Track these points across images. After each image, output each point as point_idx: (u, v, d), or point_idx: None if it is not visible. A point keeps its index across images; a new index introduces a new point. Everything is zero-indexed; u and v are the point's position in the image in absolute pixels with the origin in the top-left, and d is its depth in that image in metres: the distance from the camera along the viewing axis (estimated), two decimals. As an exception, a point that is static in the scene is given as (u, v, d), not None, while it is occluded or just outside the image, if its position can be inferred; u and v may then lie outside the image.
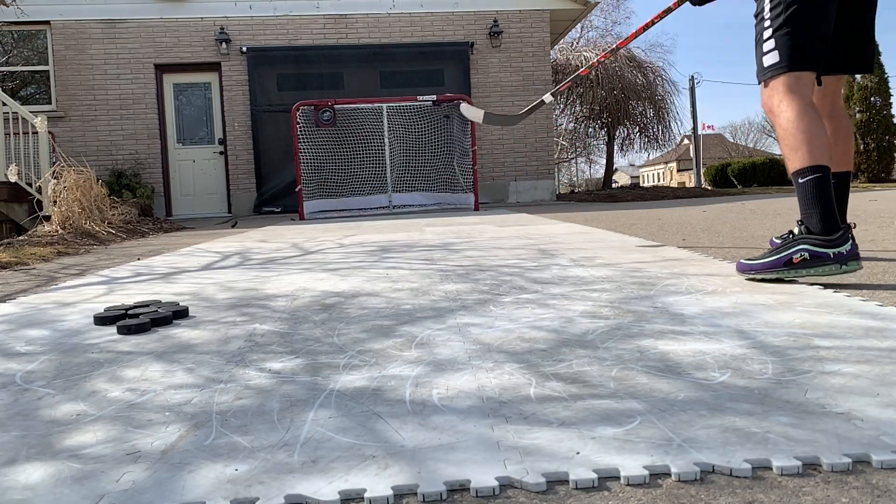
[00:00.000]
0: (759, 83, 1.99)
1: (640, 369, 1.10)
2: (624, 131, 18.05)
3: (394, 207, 8.53)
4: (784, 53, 1.90)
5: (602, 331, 1.37)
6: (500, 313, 1.60)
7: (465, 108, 2.90)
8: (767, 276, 1.87)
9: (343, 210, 8.38)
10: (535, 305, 1.67)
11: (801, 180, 1.84)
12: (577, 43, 20.12)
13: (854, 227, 2.21)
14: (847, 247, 1.78)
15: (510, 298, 1.78)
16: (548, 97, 2.73)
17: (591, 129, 19.03)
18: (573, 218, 5.68)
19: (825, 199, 1.80)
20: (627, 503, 0.68)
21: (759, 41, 1.96)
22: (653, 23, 2.55)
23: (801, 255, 1.80)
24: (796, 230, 1.85)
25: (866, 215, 4.51)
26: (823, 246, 1.78)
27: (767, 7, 1.92)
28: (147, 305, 1.78)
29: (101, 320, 1.64)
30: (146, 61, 10.37)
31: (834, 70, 2.11)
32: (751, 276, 1.91)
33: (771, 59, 1.92)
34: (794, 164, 1.87)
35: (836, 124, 2.16)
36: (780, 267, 1.83)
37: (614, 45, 2.54)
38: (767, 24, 1.92)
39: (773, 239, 2.53)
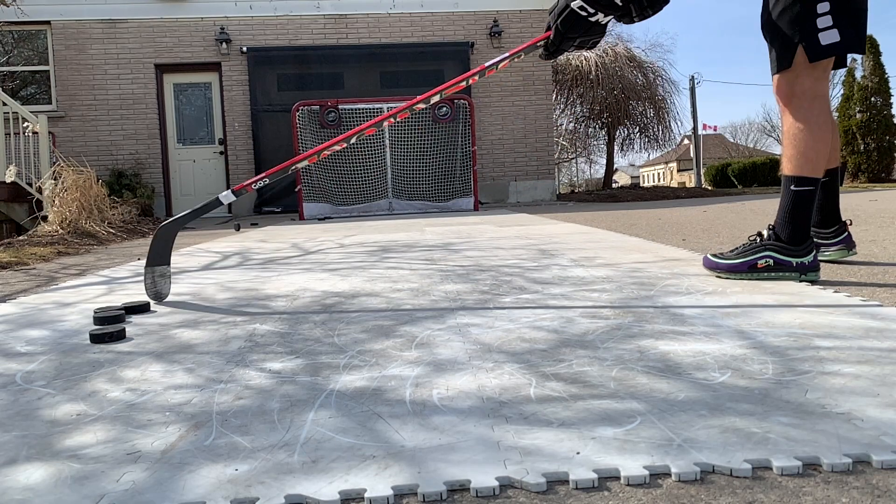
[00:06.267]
0: (809, 59, 1.80)
1: (640, 369, 1.10)
2: (624, 131, 18.05)
3: (393, 211, 8.53)
4: (846, 33, 1.76)
5: (602, 331, 1.37)
6: (500, 313, 1.60)
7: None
8: (731, 278, 1.91)
9: (343, 214, 8.39)
10: (535, 305, 1.67)
11: (794, 188, 1.84)
12: (578, 43, 20.09)
13: (851, 224, 2.22)
14: (810, 258, 1.83)
15: (510, 298, 1.78)
16: (226, 195, 1.94)
17: (591, 129, 19.03)
18: (573, 218, 5.68)
19: (805, 213, 1.84)
20: (627, 503, 0.68)
21: (810, 15, 1.77)
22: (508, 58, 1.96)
23: (766, 262, 1.85)
24: (765, 233, 1.89)
25: (866, 215, 4.51)
26: (788, 255, 1.83)
27: None
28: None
29: (101, 321, 1.63)
30: (146, 61, 10.37)
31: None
32: (717, 275, 1.96)
33: (831, 37, 1.76)
34: (795, 167, 1.84)
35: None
36: (744, 271, 1.89)
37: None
38: None
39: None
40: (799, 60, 1.83)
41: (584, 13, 1.79)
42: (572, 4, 1.79)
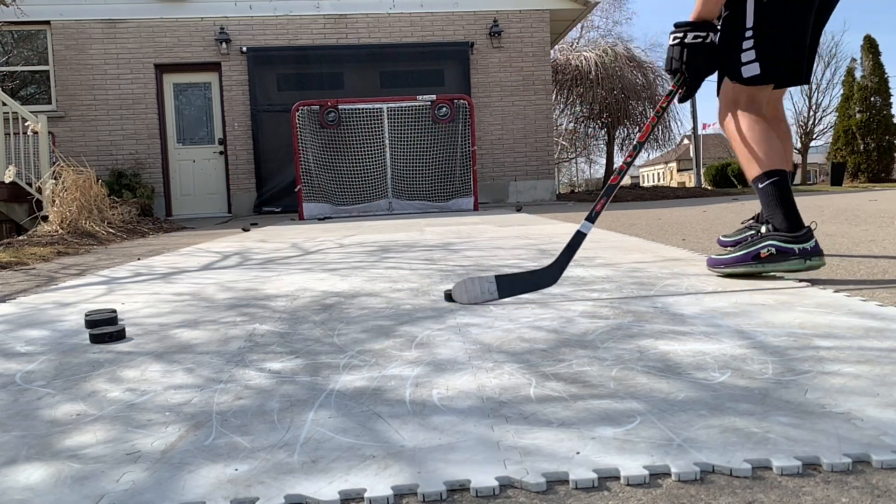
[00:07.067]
0: (733, 81, 1.98)
1: (640, 369, 1.10)
2: (624, 131, 18.05)
3: (393, 211, 8.53)
4: (766, 66, 1.92)
5: (602, 331, 1.37)
6: (500, 313, 1.60)
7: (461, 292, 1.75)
8: (737, 271, 1.93)
9: (343, 214, 8.38)
10: (535, 305, 1.67)
11: (760, 185, 1.91)
12: (577, 43, 20.12)
13: (815, 227, 2.25)
14: (811, 243, 1.85)
15: (510, 298, 1.78)
16: (585, 225, 1.88)
17: (590, 129, 19.03)
18: (573, 218, 5.68)
19: (786, 200, 1.88)
20: (627, 503, 0.68)
21: (736, 48, 1.94)
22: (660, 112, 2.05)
23: (769, 251, 1.86)
24: (763, 229, 1.92)
25: (866, 215, 4.51)
26: (790, 242, 1.85)
27: (751, 14, 1.91)
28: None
29: (92, 324, 1.62)
30: (146, 61, 10.37)
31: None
32: (722, 272, 1.97)
33: (752, 70, 1.93)
34: (752, 172, 1.94)
35: (777, 126, 2.22)
36: (748, 261, 1.90)
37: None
38: (749, 34, 1.92)
39: (720, 238, 2.55)
40: (725, 88, 2.02)
41: (698, 39, 1.90)
42: (686, 40, 1.90)
